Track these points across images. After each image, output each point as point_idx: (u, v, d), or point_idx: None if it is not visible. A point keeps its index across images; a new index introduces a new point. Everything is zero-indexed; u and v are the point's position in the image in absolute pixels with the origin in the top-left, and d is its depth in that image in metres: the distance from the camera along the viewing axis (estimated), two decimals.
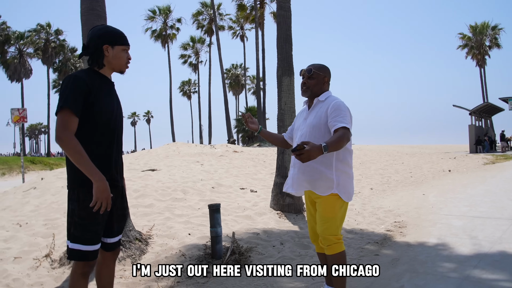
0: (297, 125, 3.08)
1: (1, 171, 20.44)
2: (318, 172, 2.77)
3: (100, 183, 2.22)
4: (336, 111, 2.74)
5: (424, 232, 5.42)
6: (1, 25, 42.65)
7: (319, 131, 2.81)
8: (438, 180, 11.87)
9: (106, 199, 2.24)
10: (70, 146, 2.20)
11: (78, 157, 2.20)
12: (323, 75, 2.94)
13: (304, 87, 2.95)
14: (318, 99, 2.92)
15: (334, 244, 2.80)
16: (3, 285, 3.70)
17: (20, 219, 6.12)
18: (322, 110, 2.85)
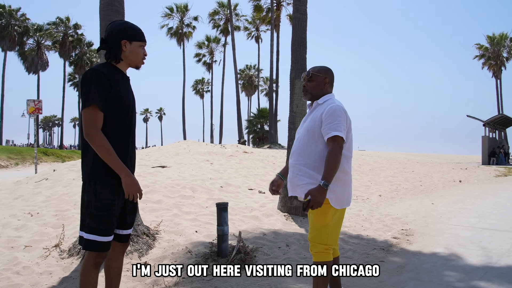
0: (298, 129, 3.07)
1: (14, 161, 20.80)
2: (311, 177, 2.73)
3: (128, 178, 2.34)
4: (331, 116, 2.70)
5: (431, 241, 5.39)
6: (20, 17, 43.39)
7: (313, 136, 2.78)
8: (448, 190, 11.76)
9: (136, 191, 2.37)
10: (99, 143, 2.29)
11: (106, 154, 2.30)
12: (323, 77, 2.89)
13: (304, 90, 2.93)
14: (317, 102, 2.88)
15: (321, 252, 2.75)
16: (14, 272, 3.78)
17: (32, 208, 6.24)
18: (318, 114, 2.81)
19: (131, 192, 2.34)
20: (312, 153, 2.78)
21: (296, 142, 2.89)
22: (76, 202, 6.33)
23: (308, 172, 2.75)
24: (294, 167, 2.84)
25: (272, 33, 31.77)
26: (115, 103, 2.40)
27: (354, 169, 13.45)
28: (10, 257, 4.18)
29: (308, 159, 2.77)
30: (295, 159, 2.85)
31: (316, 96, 2.90)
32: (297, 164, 2.83)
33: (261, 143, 36.17)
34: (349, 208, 7.81)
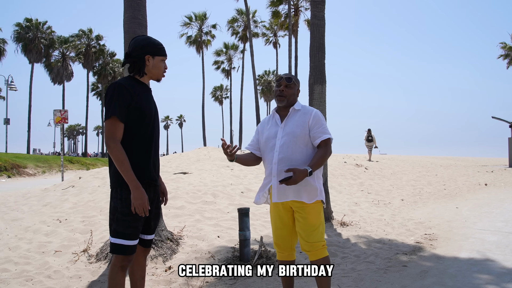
0: (268, 134, 2.98)
1: (42, 169, 21.47)
2: (304, 180, 2.77)
3: (135, 190, 2.40)
4: (319, 122, 2.89)
5: (456, 245, 5.31)
6: (46, 30, 44.86)
7: (303, 139, 2.86)
8: (473, 193, 11.50)
9: (141, 205, 2.41)
10: (115, 154, 2.41)
11: (120, 164, 2.41)
12: (297, 86, 3.04)
13: (282, 95, 2.94)
14: (294, 108, 2.96)
15: (319, 249, 2.85)
16: (45, 276, 3.95)
17: (60, 215, 6.46)
18: (302, 119, 2.89)
19: (135, 205, 2.39)
20: (303, 158, 2.85)
21: (282, 148, 2.85)
22: (102, 209, 6.52)
23: None
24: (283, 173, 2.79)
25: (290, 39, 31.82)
26: (137, 114, 2.52)
27: (375, 173, 13.32)
28: (41, 261, 4.36)
29: (300, 163, 2.82)
30: (287, 165, 2.81)
31: (291, 103, 2.98)
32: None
33: None
34: (371, 213, 7.76)
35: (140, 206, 2.40)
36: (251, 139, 3.20)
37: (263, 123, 3.15)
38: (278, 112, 3.05)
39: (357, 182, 11.48)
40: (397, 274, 4.11)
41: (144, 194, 2.42)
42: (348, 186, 10.73)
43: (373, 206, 8.54)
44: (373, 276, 4.06)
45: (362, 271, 4.20)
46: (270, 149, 2.93)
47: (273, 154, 2.89)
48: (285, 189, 2.82)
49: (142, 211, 2.41)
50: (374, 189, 10.69)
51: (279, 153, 2.86)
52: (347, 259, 4.65)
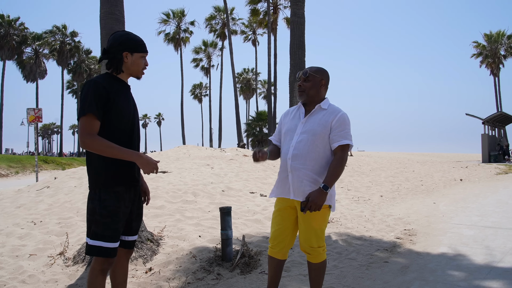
0: (288, 127, 2.94)
1: (15, 170, 20.79)
2: (316, 183, 2.75)
3: (140, 159, 2.36)
4: (342, 125, 2.77)
5: (434, 240, 5.40)
6: (19, 26, 43.49)
7: (322, 140, 2.78)
8: (449, 189, 11.78)
9: (154, 168, 2.39)
10: (98, 145, 2.31)
11: (109, 149, 2.31)
12: (319, 78, 2.87)
13: (300, 90, 2.85)
14: (320, 105, 2.86)
15: (320, 253, 2.85)
16: (19, 281, 3.79)
17: (35, 217, 6.25)
18: (326, 119, 2.80)
19: (150, 170, 2.36)
20: (319, 158, 2.78)
21: (298, 145, 2.79)
22: (78, 210, 6.34)
23: (315, 178, 2.76)
24: (300, 171, 2.76)
25: (269, 36, 31.85)
26: (115, 113, 2.42)
27: (354, 170, 13.47)
28: (15, 266, 4.19)
29: (316, 164, 2.77)
30: (301, 163, 2.76)
31: (312, 97, 2.86)
32: (304, 169, 2.76)
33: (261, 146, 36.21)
34: (351, 210, 7.82)
35: (153, 169, 2.38)
36: (277, 128, 3.14)
37: (286, 113, 3.07)
38: (304, 106, 2.95)
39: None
40: (379, 270, 4.14)
41: (148, 157, 2.39)
42: None
43: (353, 202, 8.62)
44: (355, 272, 4.08)
45: (345, 268, 4.22)
46: (287, 142, 2.89)
47: (289, 148, 2.84)
48: (299, 189, 2.76)
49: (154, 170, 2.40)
50: (353, 186, 10.80)
51: (294, 149, 2.80)
52: (329, 256, 4.66)
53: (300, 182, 2.76)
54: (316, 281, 2.90)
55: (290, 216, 2.90)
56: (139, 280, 3.79)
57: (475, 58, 45.62)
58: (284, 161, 2.87)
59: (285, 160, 2.85)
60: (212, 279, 3.82)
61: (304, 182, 2.75)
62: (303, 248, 2.88)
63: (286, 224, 2.90)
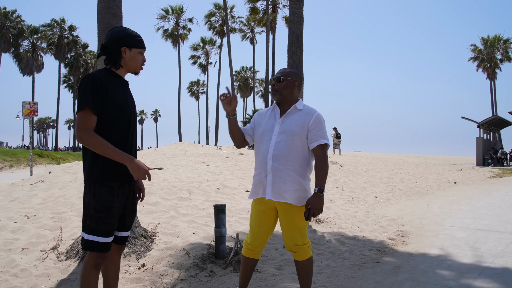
0: (265, 128, 2.96)
1: (9, 163, 20.69)
2: (298, 182, 2.81)
3: (132, 163, 2.36)
4: (319, 125, 2.85)
5: (427, 242, 5.44)
6: (15, 19, 43.20)
7: (300, 140, 2.84)
8: (443, 191, 11.84)
9: (145, 173, 2.39)
10: (93, 142, 2.32)
11: (104, 149, 2.32)
12: (293, 79, 2.94)
13: (273, 89, 2.94)
14: (296, 106, 2.92)
15: (306, 250, 2.91)
16: (11, 274, 3.78)
17: (28, 211, 6.23)
18: (302, 119, 2.86)
19: (140, 176, 2.37)
20: (299, 158, 2.84)
21: (278, 145, 2.82)
22: (72, 204, 6.33)
23: (296, 178, 2.81)
24: (282, 172, 2.80)
25: (268, 35, 31.83)
26: (113, 108, 2.43)
27: (350, 170, 13.51)
28: (7, 259, 4.18)
29: (296, 164, 2.83)
30: (283, 163, 2.81)
31: (286, 97, 2.93)
32: (285, 169, 2.80)
33: None
34: (345, 210, 7.86)
35: (143, 175, 2.37)
36: (248, 125, 3.14)
37: (261, 114, 3.10)
38: (279, 106, 2.99)
39: (332, 179, 11.61)
40: (371, 270, 4.17)
41: (140, 162, 2.39)
42: None
43: (347, 203, 8.65)
44: (347, 272, 4.10)
45: (337, 268, 4.24)
46: (265, 143, 2.90)
47: (268, 149, 2.86)
48: (281, 190, 2.79)
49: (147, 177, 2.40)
50: (348, 186, 10.84)
51: (275, 149, 2.83)
52: (322, 256, 4.68)
53: (282, 183, 2.80)
54: (306, 278, 2.94)
55: (269, 217, 2.93)
56: (132, 276, 3.79)
57: (472, 62, 45.82)
58: (263, 161, 2.88)
59: (264, 161, 2.87)
60: (205, 276, 3.83)
61: (287, 183, 2.80)
62: (289, 248, 2.92)
63: (265, 226, 2.95)
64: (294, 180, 2.80)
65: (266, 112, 3.05)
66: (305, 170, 2.86)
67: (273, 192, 2.80)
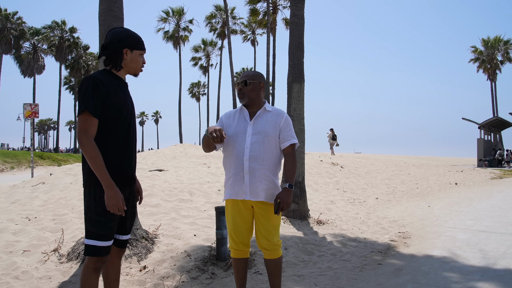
0: (236, 129, 2.97)
1: (10, 165, 20.70)
2: (272, 181, 2.92)
3: (108, 190, 2.30)
4: (289, 125, 3.01)
5: (428, 243, 5.43)
6: (17, 20, 43.27)
7: (274, 140, 2.95)
8: (444, 192, 11.83)
9: (116, 205, 2.31)
10: (88, 151, 2.30)
11: (93, 162, 2.29)
12: (258, 81, 3.02)
13: (241, 93, 3.01)
14: (265, 108, 3.02)
15: (278, 249, 2.99)
16: (13, 277, 3.78)
17: (29, 213, 6.23)
18: (274, 120, 2.97)
19: (109, 205, 2.30)
20: (272, 158, 2.95)
21: (254, 146, 2.88)
22: (73, 206, 6.33)
23: (270, 177, 2.93)
24: (259, 171, 2.86)
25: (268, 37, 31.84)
26: (113, 109, 2.42)
27: (351, 172, 13.50)
28: (8, 261, 4.17)
29: (271, 164, 2.94)
30: (259, 163, 2.87)
31: (253, 99, 3.00)
32: (261, 169, 2.88)
33: None
34: (347, 211, 7.85)
35: (114, 206, 2.30)
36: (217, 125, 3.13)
37: (228, 115, 3.11)
38: (247, 108, 3.05)
39: (333, 180, 11.60)
40: (373, 272, 4.16)
41: (118, 193, 2.32)
42: (324, 185, 10.82)
43: (348, 204, 8.64)
44: (349, 274, 4.09)
45: (339, 270, 4.23)
46: (239, 145, 2.93)
47: (243, 150, 2.91)
48: (258, 189, 2.87)
49: (117, 210, 2.32)
50: (349, 188, 10.83)
51: (250, 151, 2.89)
52: (324, 258, 4.67)
53: (259, 182, 2.87)
54: (277, 277, 3.01)
55: (247, 216, 2.97)
56: (133, 278, 3.79)
57: (473, 63, 45.80)
58: (239, 162, 2.90)
59: (240, 162, 2.90)
60: (207, 278, 3.83)
61: (263, 182, 2.88)
62: (262, 246, 2.96)
63: (245, 225, 2.99)
64: (268, 179, 2.91)
65: (234, 114, 3.09)
66: (277, 169, 3.00)
67: (251, 192, 2.88)
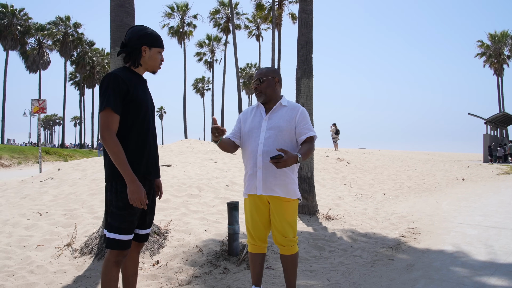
0: (252, 125, 3.00)
1: (17, 160, 20.84)
2: (288, 176, 2.90)
3: (131, 184, 2.33)
4: (305, 119, 2.96)
5: (439, 239, 5.42)
6: (22, 16, 43.39)
7: (289, 134, 2.93)
8: (451, 188, 11.79)
9: (138, 199, 2.34)
10: (110, 147, 2.33)
11: (115, 157, 2.33)
12: (272, 77, 3.02)
13: (257, 91, 3.01)
14: (281, 103, 3.01)
15: (295, 244, 2.98)
16: (28, 271, 3.82)
17: (40, 208, 6.28)
18: (289, 114, 2.95)
19: (132, 199, 2.33)
20: None
21: (267, 141, 2.88)
22: (84, 202, 6.37)
23: (287, 172, 2.90)
24: (271, 166, 2.84)
25: (274, 32, 31.73)
26: (134, 106, 2.44)
27: (357, 167, 13.48)
28: (23, 256, 4.22)
29: None
30: None
31: (270, 96, 3.00)
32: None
33: None
34: (355, 207, 7.85)
35: (137, 200, 2.33)
36: (233, 128, 3.20)
37: (245, 112, 3.16)
38: (264, 104, 3.06)
39: (340, 176, 11.59)
40: (385, 268, 4.17)
41: (140, 187, 2.35)
42: (331, 180, 10.82)
43: (356, 200, 8.64)
44: (361, 269, 4.10)
45: (350, 265, 4.24)
46: (254, 140, 2.95)
47: (257, 145, 2.92)
48: (272, 184, 2.87)
49: (139, 204, 2.34)
50: (356, 183, 10.82)
51: (264, 146, 2.89)
52: (335, 253, 4.68)
53: (273, 178, 2.87)
54: (293, 273, 3.01)
55: (264, 212, 2.99)
56: (146, 272, 3.82)
57: (479, 58, 45.45)
58: (253, 158, 2.93)
59: (254, 157, 2.92)
60: (219, 273, 3.85)
61: (277, 177, 2.87)
62: (278, 242, 2.97)
63: (262, 221, 3.00)
64: (284, 174, 2.88)
65: (251, 111, 3.12)
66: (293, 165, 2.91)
67: (264, 186, 2.88)
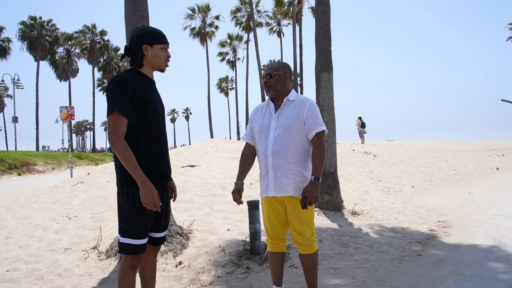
0: (261, 125, 2.96)
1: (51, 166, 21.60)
2: (300, 174, 2.82)
3: (143, 186, 2.31)
4: (314, 113, 2.85)
5: (471, 232, 5.20)
6: (51, 27, 44.88)
7: (298, 131, 2.83)
8: (485, 178, 11.33)
9: (151, 201, 2.32)
10: (119, 150, 2.31)
11: (125, 161, 2.31)
12: (283, 72, 2.94)
13: (267, 86, 2.94)
14: (288, 98, 2.92)
15: (312, 244, 2.90)
16: (56, 274, 3.92)
17: (69, 212, 6.46)
18: (296, 110, 2.86)
19: (145, 201, 2.31)
20: (299, 150, 2.85)
21: (276, 141, 2.83)
22: (111, 204, 6.50)
23: (297, 170, 2.83)
24: (282, 166, 2.81)
25: (294, 27, 31.45)
26: (142, 108, 2.42)
27: (384, 160, 13.17)
28: (52, 259, 4.34)
29: (297, 156, 2.83)
30: (283, 158, 2.81)
31: (280, 91, 2.92)
32: (286, 164, 2.81)
33: None
34: (382, 201, 7.65)
35: (150, 202, 2.31)
36: (246, 128, 3.17)
37: (255, 111, 3.11)
38: (273, 101, 3.01)
39: (366, 170, 11.35)
40: (412, 264, 4.02)
41: (153, 189, 2.33)
42: (358, 174, 10.61)
43: (383, 194, 8.43)
44: (387, 266, 3.98)
45: (376, 262, 4.12)
46: (264, 140, 2.92)
47: (267, 145, 2.88)
48: (283, 184, 2.82)
49: (153, 206, 2.33)
50: (384, 177, 10.57)
51: (273, 145, 2.85)
52: (360, 250, 4.57)
53: (284, 178, 2.81)
54: (313, 272, 2.94)
55: (280, 211, 2.94)
56: (170, 274, 3.84)
57: (511, 42, 43.48)
58: (263, 159, 2.90)
59: (264, 158, 2.88)
60: (241, 272, 3.82)
61: (289, 177, 2.81)
62: (296, 241, 2.91)
63: (279, 220, 2.96)
64: (296, 173, 2.81)
65: (261, 109, 3.06)
66: (305, 161, 2.86)
67: (276, 188, 2.85)
